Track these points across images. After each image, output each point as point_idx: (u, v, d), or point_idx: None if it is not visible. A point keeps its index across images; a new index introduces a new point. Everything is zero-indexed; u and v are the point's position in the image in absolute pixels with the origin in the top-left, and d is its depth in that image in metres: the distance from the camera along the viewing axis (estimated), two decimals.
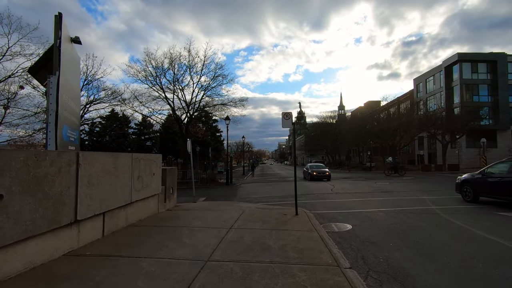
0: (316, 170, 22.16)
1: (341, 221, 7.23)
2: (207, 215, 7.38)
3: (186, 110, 20.35)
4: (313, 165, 24.08)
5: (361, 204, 10.11)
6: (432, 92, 44.31)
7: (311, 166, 23.68)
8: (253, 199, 12.48)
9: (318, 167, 23.23)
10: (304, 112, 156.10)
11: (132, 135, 41.66)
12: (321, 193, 13.67)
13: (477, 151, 36.80)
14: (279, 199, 12.18)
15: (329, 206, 9.81)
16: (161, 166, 7.83)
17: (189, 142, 11.19)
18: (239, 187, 18.52)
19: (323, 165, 25.03)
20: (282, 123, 7.54)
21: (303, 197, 12.45)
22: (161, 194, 7.87)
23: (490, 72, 38.56)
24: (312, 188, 16.43)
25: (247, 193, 15.14)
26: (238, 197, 13.56)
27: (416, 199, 11.07)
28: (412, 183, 17.58)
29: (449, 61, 39.87)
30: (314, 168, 22.97)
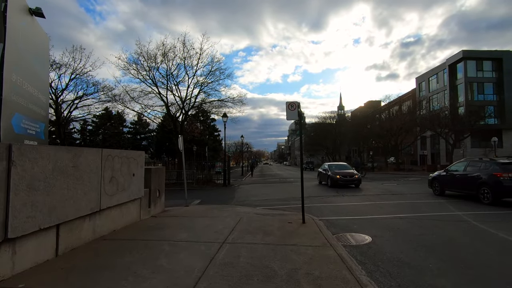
0: (341, 173, 15.61)
1: (357, 231, 6.08)
2: (198, 223, 6.22)
3: (180, 106, 19.16)
4: (334, 165, 17.42)
5: (374, 208, 8.96)
6: (436, 91, 43.26)
7: (332, 166, 17.05)
8: (252, 202, 11.33)
9: (342, 168, 16.82)
10: (303, 112, 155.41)
11: (127, 134, 40.42)
12: (326, 195, 12.53)
13: (482, 151, 35.77)
14: (280, 202, 11.04)
15: (338, 212, 8.66)
16: (144, 165, 6.66)
17: (180, 139, 10.03)
18: (237, 189, 17.36)
19: (347, 165, 17.96)
20: (287, 114, 6.39)
21: (307, 200, 11.25)
22: (144, 198, 6.71)
23: (496, 70, 37.55)
24: (315, 190, 15.28)
25: (246, 195, 13.99)
26: (235, 199, 12.40)
27: (433, 202, 9.93)
28: (421, 185, 16.46)
29: (453, 59, 38.85)
30: (336, 169, 16.39)
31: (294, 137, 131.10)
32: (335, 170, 16.21)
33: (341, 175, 15.39)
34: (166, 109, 18.89)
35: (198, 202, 12.08)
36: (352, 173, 15.69)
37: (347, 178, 15.34)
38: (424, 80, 47.27)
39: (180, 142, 10.01)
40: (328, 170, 16.57)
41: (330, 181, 15.75)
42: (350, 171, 16.15)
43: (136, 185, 6.16)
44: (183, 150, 10.02)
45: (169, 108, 18.94)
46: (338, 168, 16.83)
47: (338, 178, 15.32)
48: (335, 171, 15.99)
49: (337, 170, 16.23)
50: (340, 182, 15.33)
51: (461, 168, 10.94)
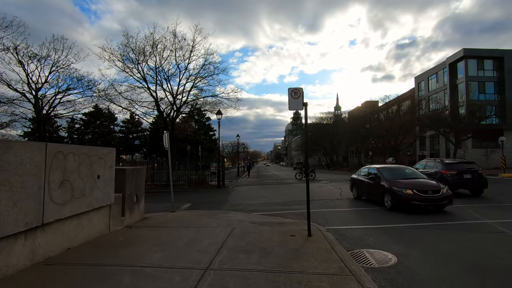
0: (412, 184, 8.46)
1: (374, 246, 4.94)
2: (179, 236, 5.03)
3: (171, 102, 17.90)
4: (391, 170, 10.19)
5: (387, 216, 7.84)
6: (435, 91, 42.51)
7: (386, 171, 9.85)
8: (247, 206, 10.16)
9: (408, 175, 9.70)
10: (300, 112, 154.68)
11: (118, 133, 39.00)
12: (329, 198, 11.40)
13: (483, 151, 35.05)
14: (279, 206, 9.88)
15: (347, 219, 7.54)
16: (114, 164, 5.46)
17: (165, 136, 8.84)
18: (232, 191, 16.18)
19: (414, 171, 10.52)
20: (289, 103, 5.24)
21: (305, 203, 10.19)
22: (115, 206, 5.51)
23: (497, 69, 36.83)
24: (316, 192, 14.15)
25: (241, 198, 12.82)
26: (229, 203, 11.22)
27: (452, 207, 8.85)
28: None
29: (453, 57, 38.06)
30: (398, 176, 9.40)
31: (291, 137, 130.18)
32: (398, 178, 9.01)
33: (416, 189, 8.09)
34: (156, 105, 17.62)
35: (187, 206, 10.89)
36: (436, 186, 8.32)
37: (429, 195, 8.00)
38: (423, 79, 46.52)
39: (165, 139, 8.81)
40: (379, 177, 9.36)
41: (393, 199, 8.37)
42: (430, 182, 8.82)
43: (103, 190, 4.96)
44: (169, 148, 8.83)
45: (159, 104, 17.66)
46: (400, 174, 9.60)
47: (410, 196, 7.98)
48: (398, 181, 8.70)
49: (402, 179, 9.05)
50: (416, 203, 7.90)
51: (421, 167, 13.44)
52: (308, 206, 5.54)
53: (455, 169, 11.60)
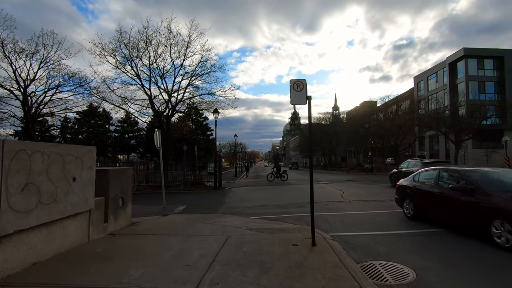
0: None
1: (387, 257, 4.39)
2: (166, 247, 4.45)
3: (166, 100, 17.26)
4: (493, 174, 5.91)
5: (396, 220, 7.29)
6: (435, 90, 42.17)
7: (484, 174, 5.79)
8: (245, 209, 9.59)
9: None
10: (298, 113, 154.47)
11: (113, 132, 38.28)
12: (330, 200, 10.85)
13: (483, 152, 34.69)
14: (278, 209, 9.32)
15: (351, 223, 6.98)
16: (94, 164, 4.87)
17: (157, 134, 8.26)
18: (229, 192, 15.60)
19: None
20: (291, 96, 4.68)
21: (309, 206, 9.62)
22: (96, 211, 4.92)
23: (497, 69, 36.52)
24: (316, 194, 13.61)
25: (238, 200, 12.24)
26: (225, 206, 10.63)
27: None
28: None
29: (453, 57, 37.71)
30: None
31: (289, 137, 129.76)
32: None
33: None
34: (150, 103, 16.96)
35: (182, 209, 10.32)
36: None
37: None
38: (422, 79, 46.21)
39: (156, 137, 8.23)
40: (475, 186, 5.32)
41: None
42: None
43: (79, 194, 4.38)
44: (160, 147, 8.24)
45: (153, 102, 17.00)
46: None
47: None
48: None
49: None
50: None
51: (405, 166, 15.54)
52: (312, 212, 4.97)
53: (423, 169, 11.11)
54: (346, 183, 18.95)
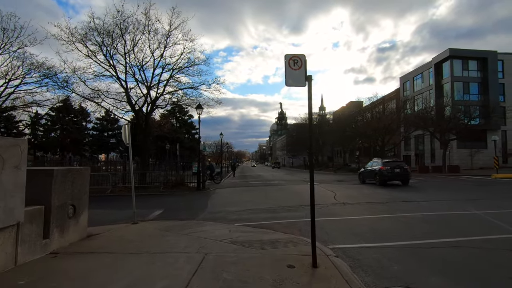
0: None
1: (405, 278, 3.45)
2: (119, 275, 3.32)
3: (145, 94, 15.87)
4: None
5: (400, 227, 6.41)
6: (420, 91, 42.47)
7: None
8: (229, 214, 8.51)
9: None
10: (285, 112, 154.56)
11: (91, 130, 36.17)
12: (324, 203, 9.94)
13: (468, 152, 35.09)
14: (266, 214, 8.29)
15: (351, 232, 6.04)
16: (25, 163, 3.67)
17: (125, 128, 7.03)
18: (213, 194, 14.46)
19: None
20: (286, 76, 3.66)
21: (300, 210, 8.69)
22: (29, 225, 3.73)
23: (481, 70, 37.04)
24: (306, 195, 12.70)
25: (222, 203, 11.14)
26: (207, 210, 9.51)
27: (471, 214, 7.56)
28: (431, 189, 14.37)
29: (439, 57, 37.99)
30: None
31: (276, 137, 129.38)
32: None
33: None
34: (127, 97, 15.45)
35: (158, 214, 9.14)
36: None
37: None
38: (408, 79, 46.51)
39: (125, 132, 7.00)
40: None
41: None
42: None
43: (3, 202, 3.18)
44: (130, 143, 7.02)
45: (130, 95, 15.56)
46: None
47: None
48: None
49: None
50: None
51: (370, 165, 18.34)
52: (313, 224, 3.94)
53: (389, 166, 16.35)
54: (337, 184, 18.19)
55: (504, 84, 36.78)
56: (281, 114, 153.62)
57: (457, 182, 17.91)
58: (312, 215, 3.86)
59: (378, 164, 16.98)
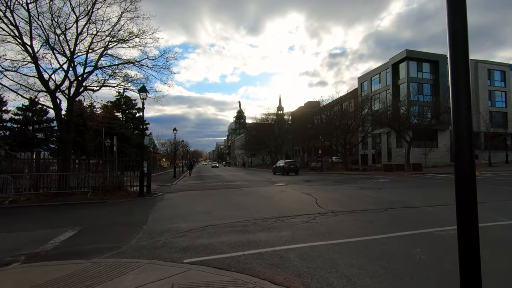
0: None
1: None
2: None
3: (65, 70, 11.78)
4: None
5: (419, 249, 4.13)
6: (378, 91, 43.24)
7: None
8: (177, 239, 5.54)
9: None
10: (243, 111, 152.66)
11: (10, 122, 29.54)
12: (309, 213, 7.47)
13: (422, 150, 36.19)
14: (236, 235, 5.51)
15: (382, 270, 3.55)
16: None
17: None
18: (160, 201, 11.18)
19: None
20: None
21: (281, 226, 6.02)
22: None
23: (433, 72, 38.68)
24: (281, 201, 10.18)
25: (170, 215, 8.04)
26: (146, 230, 6.38)
27: None
28: (408, 189, 12.90)
29: (396, 58, 38.84)
30: None
31: (234, 136, 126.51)
32: None
33: None
34: (35, 68, 11.23)
35: (65, 238, 5.90)
36: None
37: None
38: (366, 80, 47.30)
39: None
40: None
41: None
42: None
43: None
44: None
45: (39, 66, 11.22)
46: None
47: None
48: None
49: None
50: None
51: (278, 163, 31.38)
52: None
53: (288, 164, 29.07)
54: (307, 185, 16.07)
55: None
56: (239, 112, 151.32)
57: (435, 181, 17.03)
58: None
59: (282, 162, 30.51)
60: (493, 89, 41.45)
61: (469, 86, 1.32)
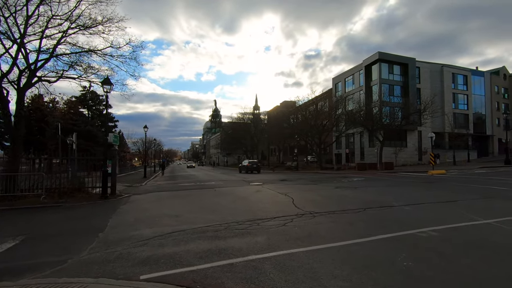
0: None
1: None
2: None
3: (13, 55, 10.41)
4: None
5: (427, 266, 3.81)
6: (351, 92, 44.20)
7: None
8: (137, 248, 4.81)
9: None
10: (219, 110, 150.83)
11: None
12: (286, 215, 7.01)
13: (393, 150, 37.42)
14: (205, 242, 4.88)
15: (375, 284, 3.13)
16: None
17: None
18: (124, 204, 10.22)
19: None
20: None
21: (256, 231, 5.46)
22: None
23: (403, 74, 40.14)
24: (256, 202, 9.66)
25: (133, 220, 7.22)
26: (101, 239, 5.56)
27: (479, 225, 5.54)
28: (382, 187, 12.93)
29: (369, 60, 39.87)
30: None
31: (210, 135, 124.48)
32: None
33: None
34: None
35: (6, 248, 4.95)
36: None
37: None
38: (340, 80, 48.20)
39: None
40: None
41: None
42: None
43: None
44: None
45: None
46: None
47: None
48: None
49: None
50: None
51: (243, 163, 35.63)
52: None
53: (251, 164, 32.33)
54: (283, 184, 15.73)
55: (420, 89, 40.61)
56: (215, 111, 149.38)
57: (407, 179, 17.37)
58: None
59: (246, 162, 34.05)
60: (456, 92, 43.86)
61: None
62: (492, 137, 47.35)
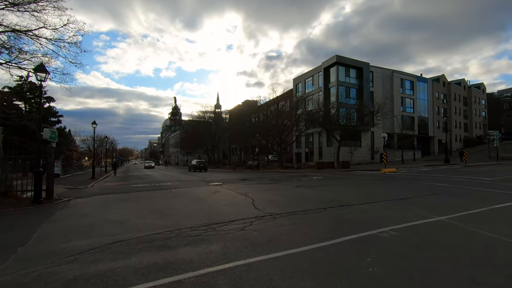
0: None
1: None
2: None
3: None
4: None
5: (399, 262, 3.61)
6: (311, 93, 45.43)
7: None
8: (64, 265, 3.94)
9: None
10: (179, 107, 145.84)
11: None
12: (245, 217, 6.54)
13: (348, 149, 39.22)
14: (151, 254, 4.18)
15: None
16: None
17: None
18: (60, 209, 8.89)
19: None
20: None
21: (212, 238, 4.88)
22: None
23: (358, 77, 42.28)
24: (214, 203, 9.04)
25: (68, 228, 6.17)
26: (23, 252, 4.53)
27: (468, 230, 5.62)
28: (341, 186, 13.15)
29: (328, 62, 41.29)
30: None
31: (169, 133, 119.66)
32: None
33: None
34: None
35: None
36: None
37: None
38: (300, 81, 49.30)
39: None
40: None
41: None
42: None
43: None
44: None
45: None
46: None
47: None
48: None
49: None
50: None
51: (194, 162, 37.49)
52: None
53: (198, 163, 36.22)
54: (244, 184, 15.28)
55: (373, 92, 43.15)
56: (175, 109, 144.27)
57: (363, 178, 18.00)
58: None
59: (194, 161, 37.50)
60: (404, 96, 47.46)
61: None
62: (433, 138, 52.23)
